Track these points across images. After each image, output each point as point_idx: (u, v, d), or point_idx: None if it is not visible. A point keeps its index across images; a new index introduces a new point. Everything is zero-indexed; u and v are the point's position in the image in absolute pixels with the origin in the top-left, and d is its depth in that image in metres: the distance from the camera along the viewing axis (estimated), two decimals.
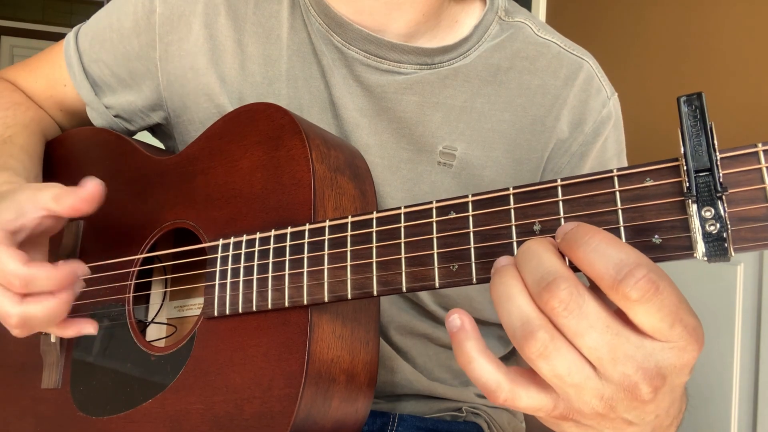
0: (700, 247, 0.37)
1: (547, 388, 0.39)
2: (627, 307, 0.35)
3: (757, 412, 1.36)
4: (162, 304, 0.77)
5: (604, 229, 0.40)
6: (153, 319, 0.76)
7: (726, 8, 1.82)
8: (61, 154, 0.85)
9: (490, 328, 0.84)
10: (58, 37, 0.90)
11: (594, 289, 0.37)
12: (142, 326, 0.76)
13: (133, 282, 0.71)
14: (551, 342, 0.37)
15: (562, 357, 0.37)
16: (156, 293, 0.77)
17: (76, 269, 0.62)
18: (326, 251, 0.54)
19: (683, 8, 1.96)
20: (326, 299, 0.53)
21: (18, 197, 0.62)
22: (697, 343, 0.36)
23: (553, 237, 0.40)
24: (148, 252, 0.71)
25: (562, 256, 0.39)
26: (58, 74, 0.87)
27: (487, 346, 0.40)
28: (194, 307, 0.76)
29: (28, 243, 0.64)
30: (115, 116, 0.85)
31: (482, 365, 0.39)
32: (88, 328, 0.65)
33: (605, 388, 0.37)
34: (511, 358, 0.89)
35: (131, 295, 0.71)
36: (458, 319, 0.41)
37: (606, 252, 0.36)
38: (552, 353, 0.37)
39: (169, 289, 0.78)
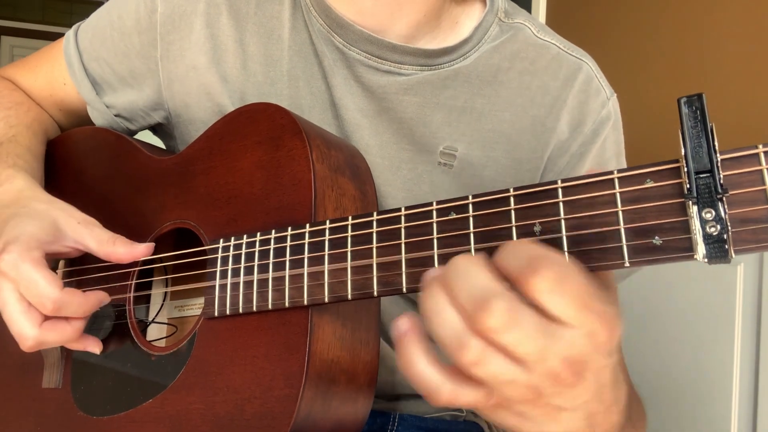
0: (701, 249, 0.37)
1: (480, 384, 0.40)
2: (540, 298, 0.37)
3: (757, 412, 1.36)
4: (162, 304, 0.77)
5: (605, 230, 0.40)
6: (153, 318, 0.76)
7: (726, 9, 1.82)
8: (61, 154, 0.85)
9: None
10: (58, 37, 0.89)
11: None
12: (143, 326, 0.76)
13: (134, 282, 0.71)
14: (483, 351, 0.38)
15: (495, 362, 0.38)
16: (156, 293, 0.78)
17: (101, 299, 0.65)
18: (326, 252, 0.54)
19: (683, 9, 1.96)
20: (326, 300, 0.53)
21: (58, 221, 0.66)
22: (609, 327, 0.37)
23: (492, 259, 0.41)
24: None
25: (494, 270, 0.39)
26: (57, 73, 0.87)
27: (430, 349, 0.41)
28: (195, 307, 0.76)
29: None
30: (115, 115, 0.85)
31: (420, 367, 0.40)
32: (93, 347, 0.67)
33: (531, 378, 0.38)
34: None
35: (132, 294, 0.71)
36: (406, 324, 0.41)
37: (512, 250, 0.38)
38: (485, 360, 0.38)
39: (169, 289, 0.78)
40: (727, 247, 0.37)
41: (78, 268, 0.75)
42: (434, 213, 0.48)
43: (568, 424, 0.42)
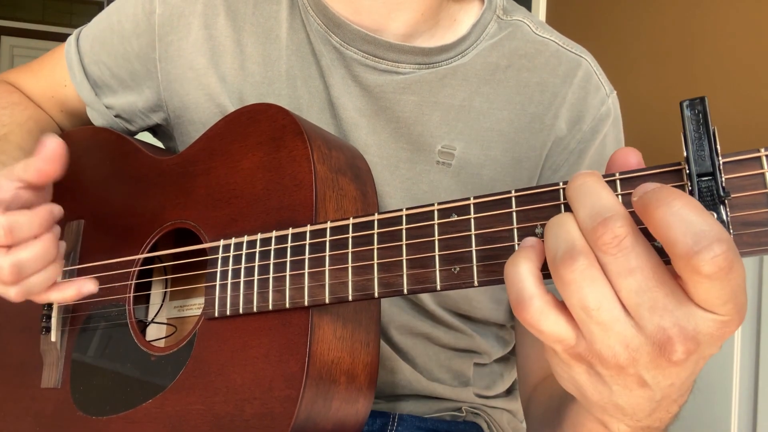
0: None
1: (574, 323, 0.38)
2: (692, 278, 0.34)
3: (757, 412, 1.36)
4: (162, 304, 0.77)
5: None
6: (153, 318, 0.76)
7: (729, 8, 1.81)
8: None
9: (490, 327, 0.84)
10: (58, 37, 0.90)
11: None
12: (143, 326, 0.76)
13: (134, 282, 0.71)
14: (588, 269, 0.36)
15: (595, 289, 0.36)
16: (156, 293, 0.77)
17: (52, 208, 0.63)
18: (327, 252, 0.54)
19: (685, 8, 1.95)
20: (327, 300, 0.53)
21: None
22: (740, 319, 0.35)
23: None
24: (149, 252, 0.71)
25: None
26: (59, 75, 0.87)
27: (540, 270, 0.39)
28: (194, 307, 0.76)
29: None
30: (115, 116, 0.85)
31: (525, 273, 0.39)
32: (87, 285, 0.65)
33: (635, 336, 0.36)
34: (510, 358, 0.89)
35: (131, 294, 0.71)
36: (533, 240, 0.41)
37: (687, 218, 0.33)
38: (586, 281, 0.36)
39: (169, 290, 0.78)
40: None
41: (78, 267, 0.75)
42: (435, 214, 0.48)
43: (638, 401, 0.40)
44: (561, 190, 0.42)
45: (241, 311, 0.59)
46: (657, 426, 0.43)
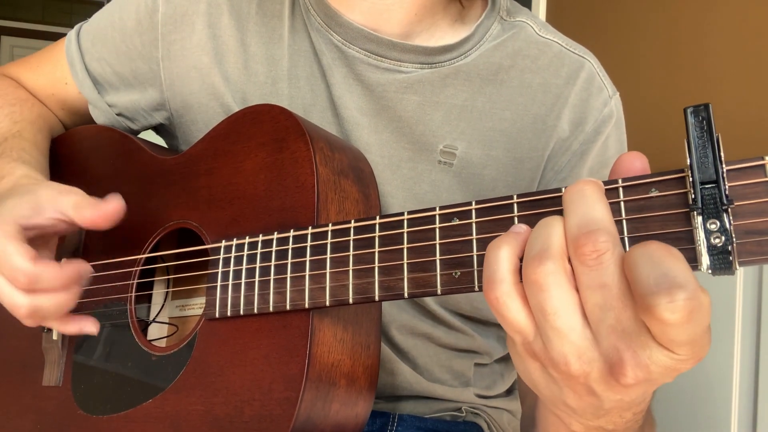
0: (705, 260, 0.37)
1: (532, 316, 0.39)
2: (649, 320, 0.34)
3: (757, 412, 1.36)
4: (164, 304, 0.77)
5: None
6: (154, 318, 0.76)
7: (733, 11, 1.81)
8: (65, 152, 0.85)
9: (491, 328, 0.84)
10: (58, 37, 0.90)
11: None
12: (144, 325, 0.76)
13: (136, 281, 0.71)
14: (553, 275, 0.37)
15: (557, 295, 0.37)
16: (158, 293, 0.77)
17: (80, 269, 0.62)
18: (328, 255, 0.54)
19: (686, 9, 1.95)
20: (328, 303, 0.53)
21: (39, 194, 0.63)
22: (698, 359, 0.36)
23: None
24: (151, 251, 0.71)
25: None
26: (59, 72, 0.87)
27: (518, 258, 0.40)
28: (196, 306, 0.76)
29: (38, 240, 0.65)
30: (117, 114, 0.85)
31: (503, 256, 0.39)
32: (89, 326, 0.66)
33: (589, 349, 0.37)
34: (510, 358, 0.89)
35: (133, 294, 0.71)
36: (522, 227, 0.41)
37: (657, 260, 0.34)
38: (549, 285, 0.37)
39: (171, 289, 0.78)
40: (731, 258, 0.36)
41: None
42: (437, 218, 0.48)
43: (586, 407, 0.41)
44: (563, 196, 0.42)
45: (241, 312, 0.59)
46: (611, 429, 0.44)
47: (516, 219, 0.44)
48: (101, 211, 0.61)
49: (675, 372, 0.36)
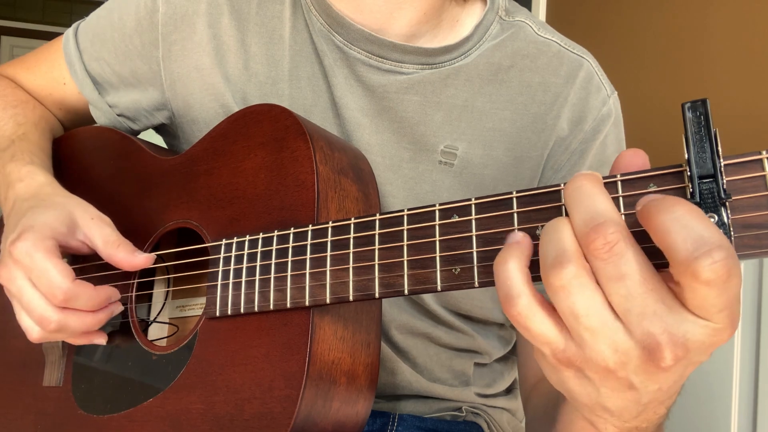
0: None
1: (563, 327, 0.39)
2: (690, 284, 0.34)
3: (757, 412, 1.36)
4: (164, 304, 0.77)
5: None
6: (155, 318, 0.76)
7: (731, 9, 1.81)
8: (66, 153, 0.85)
9: (491, 327, 0.84)
10: (58, 37, 0.89)
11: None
12: (144, 325, 0.76)
13: (136, 281, 0.71)
14: (576, 277, 0.36)
15: (585, 295, 0.36)
16: (158, 292, 0.78)
17: (111, 295, 0.65)
18: (329, 253, 0.54)
19: (686, 9, 1.95)
20: (328, 300, 0.53)
21: (74, 215, 0.66)
22: (733, 329, 0.35)
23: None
24: (151, 251, 0.71)
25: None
26: (57, 73, 0.87)
27: (528, 268, 0.40)
28: (196, 306, 0.76)
29: None
30: (118, 115, 0.85)
31: (513, 271, 0.39)
32: (98, 339, 0.67)
33: (624, 340, 0.36)
34: (510, 358, 0.89)
35: (134, 294, 0.71)
36: (520, 236, 0.41)
37: (688, 224, 0.34)
38: (574, 288, 0.36)
39: (171, 289, 0.78)
40: None
41: (81, 266, 0.75)
42: (437, 215, 0.48)
43: (625, 404, 0.40)
44: (562, 192, 0.42)
45: (242, 311, 0.59)
46: (645, 426, 0.44)
47: (515, 215, 0.44)
48: (131, 259, 0.65)
49: (712, 346, 0.36)
